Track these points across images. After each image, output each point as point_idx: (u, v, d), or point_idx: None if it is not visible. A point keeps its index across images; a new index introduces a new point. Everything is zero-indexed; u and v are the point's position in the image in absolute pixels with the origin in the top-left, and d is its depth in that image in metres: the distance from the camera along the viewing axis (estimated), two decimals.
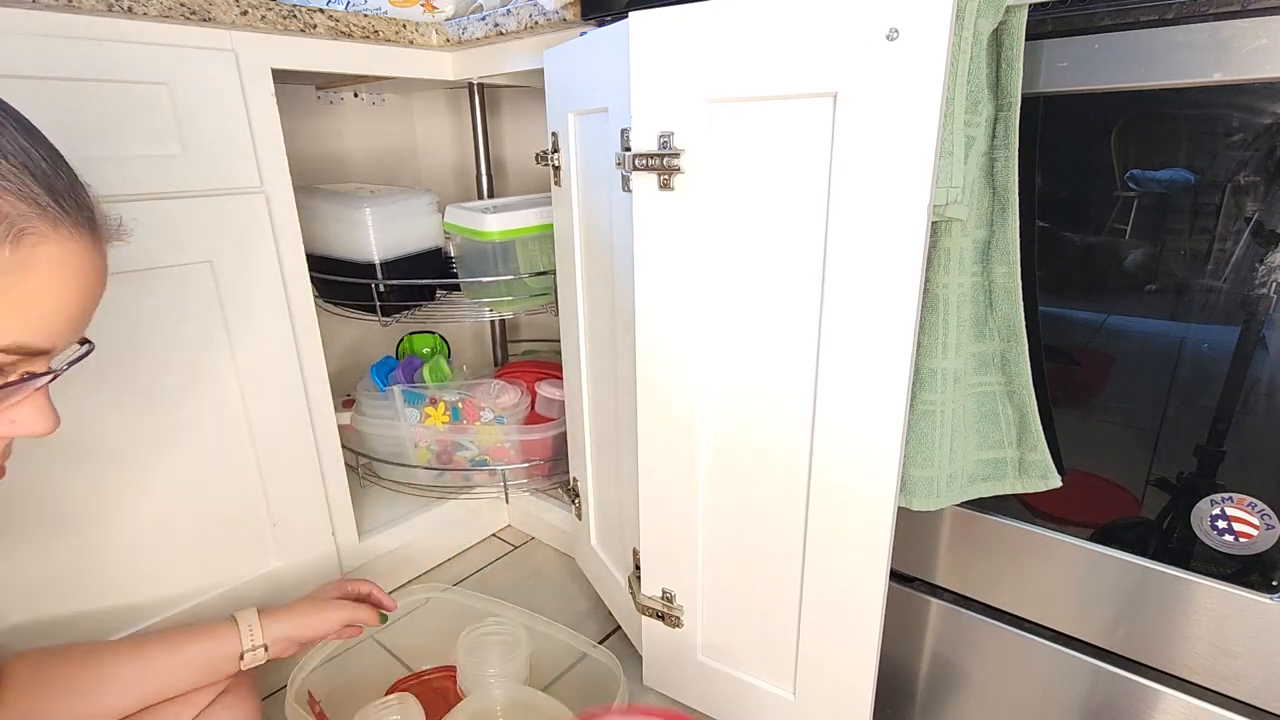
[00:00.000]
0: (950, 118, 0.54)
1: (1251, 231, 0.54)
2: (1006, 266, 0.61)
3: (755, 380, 0.66)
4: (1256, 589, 0.60)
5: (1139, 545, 0.65)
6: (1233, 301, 0.56)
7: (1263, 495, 0.58)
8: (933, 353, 0.62)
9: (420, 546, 1.18)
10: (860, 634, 0.67)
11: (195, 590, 0.89)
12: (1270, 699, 0.61)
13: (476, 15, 0.97)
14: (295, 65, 0.88)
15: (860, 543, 0.64)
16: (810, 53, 0.53)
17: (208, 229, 0.81)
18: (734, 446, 0.70)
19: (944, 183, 0.55)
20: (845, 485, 0.63)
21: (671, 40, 0.60)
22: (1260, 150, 0.52)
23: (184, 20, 0.76)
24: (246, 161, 0.84)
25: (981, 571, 0.75)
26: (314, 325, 0.94)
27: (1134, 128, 0.57)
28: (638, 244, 0.68)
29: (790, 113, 0.56)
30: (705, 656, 0.81)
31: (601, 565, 1.01)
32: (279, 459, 0.93)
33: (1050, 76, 0.58)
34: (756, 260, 0.62)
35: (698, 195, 0.63)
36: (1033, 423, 0.65)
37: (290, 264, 0.90)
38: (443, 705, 0.84)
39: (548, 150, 0.90)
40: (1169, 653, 0.65)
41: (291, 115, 0.98)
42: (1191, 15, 0.51)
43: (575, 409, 1.00)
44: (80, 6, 0.70)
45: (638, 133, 0.64)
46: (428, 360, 1.23)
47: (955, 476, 0.66)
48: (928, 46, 0.49)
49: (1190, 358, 0.59)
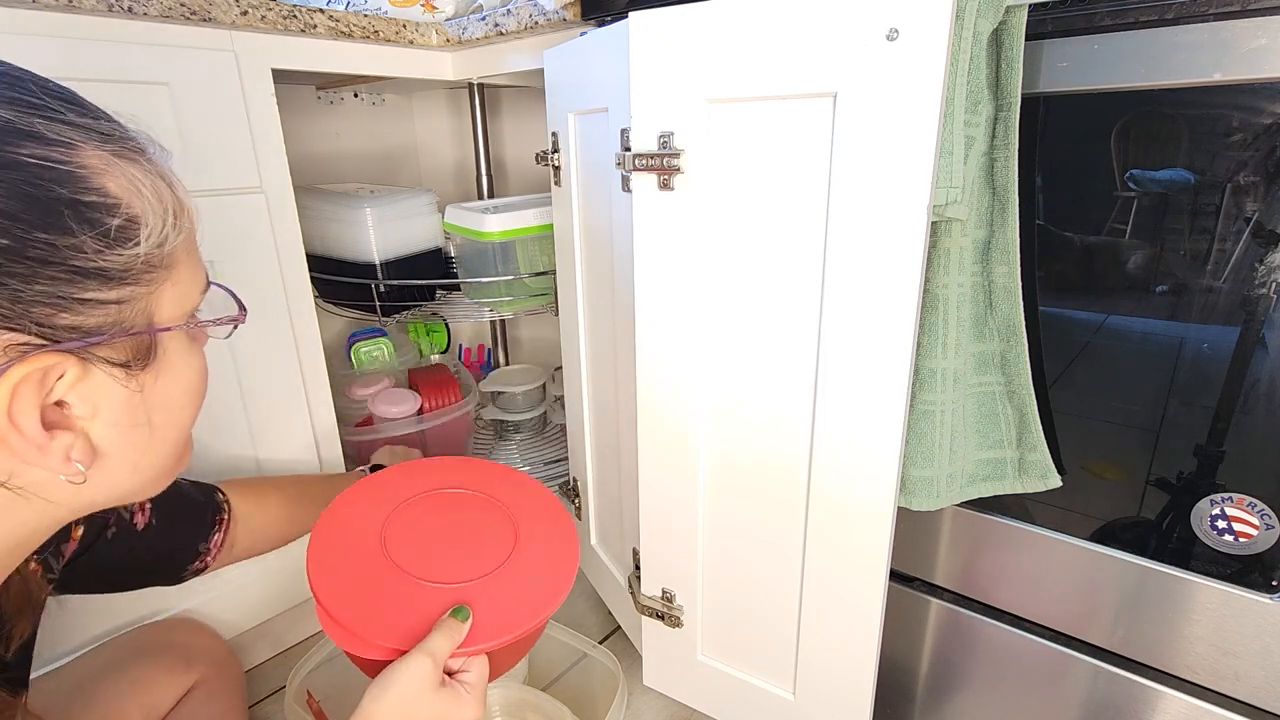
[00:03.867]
0: (950, 118, 0.54)
1: (1251, 231, 0.54)
2: (1006, 266, 0.61)
3: (755, 380, 0.66)
4: (1256, 589, 0.60)
5: (1139, 545, 0.65)
6: (1233, 301, 0.56)
7: (1263, 495, 0.58)
8: (933, 353, 0.62)
9: None
10: (860, 634, 0.67)
11: (195, 591, 0.89)
12: (1270, 699, 0.61)
13: (476, 15, 0.97)
14: (295, 65, 0.88)
15: (860, 542, 0.64)
16: (810, 53, 0.53)
17: (207, 229, 0.81)
18: (734, 446, 0.70)
19: (944, 183, 0.55)
20: (845, 485, 0.63)
21: (671, 40, 0.60)
22: (1260, 150, 0.52)
23: (184, 20, 0.76)
24: (246, 161, 0.84)
25: (981, 571, 0.75)
26: (314, 324, 0.94)
27: (1134, 128, 0.57)
28: (638, 244, 0.68)
29: (790, 113, 0.56)
30: (705, 656, 0.81)
31: (601, 565, 1.01)
32: (279, 459, 0.93)
33: (1050, 76, 0.58)
34: (756, 260, 0.62)
35: (698, 195, 0.63)
36: (1032, 423, 0.65)
37: (290, 264, 0.90)
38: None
39: (548, 150, 0.90)
40: (1169, 653, 0.65)
41: (291, 115, 0.98)
42: (1191, 15, 0.51)
43: (575, 409, 1.00)
44: (80, 6, 0.70)
45: (638, 133, 0.64)
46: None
47: (955, 476, 0.66)
48: (928, 46, 0.49)
49: (1190, 358, 0.59)
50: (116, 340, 0.37)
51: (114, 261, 0.36)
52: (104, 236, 0.36)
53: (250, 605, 0.95)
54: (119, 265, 0.37)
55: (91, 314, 0.36)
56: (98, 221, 0.36)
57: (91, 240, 0.35)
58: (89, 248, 0.35)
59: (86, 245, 0.35)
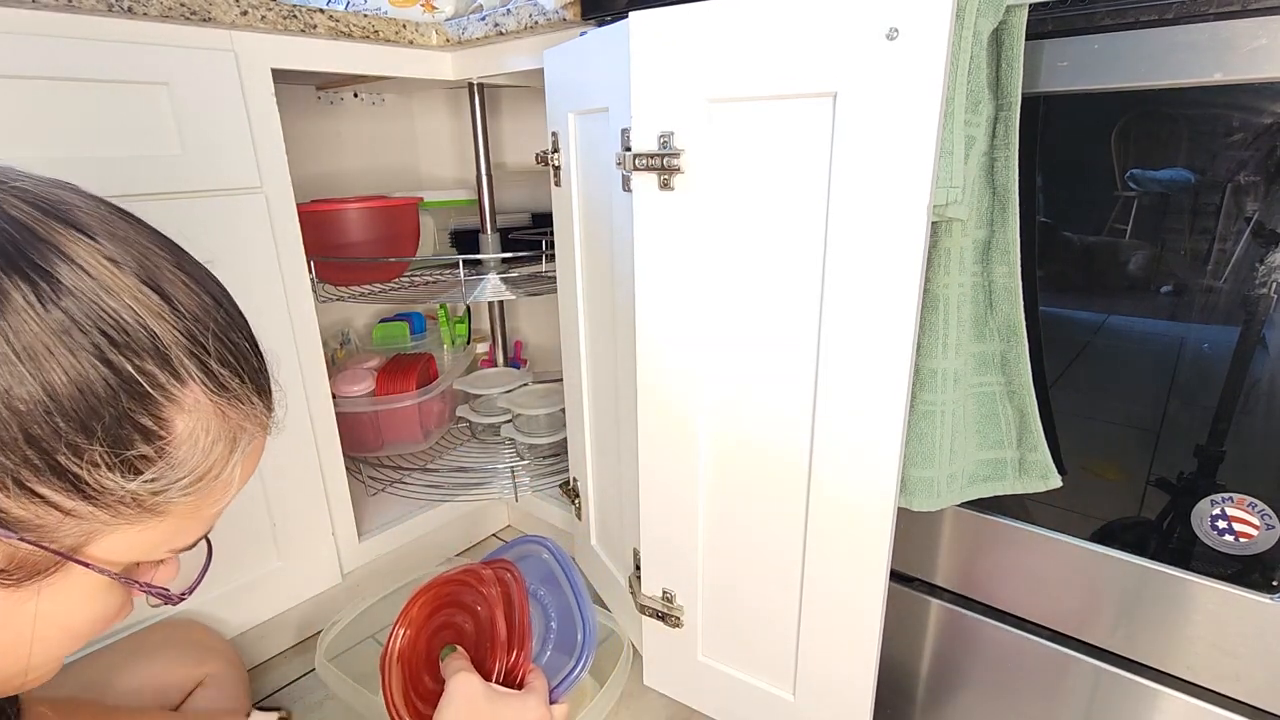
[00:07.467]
0: (950, 117, 0.54)
1: (1252, 231, 0.54)
2: (1007, 266, 0.61)
3: (755, 380, 0.66)
4: (1256, 589, 0.60)
5: (1139, 545, 0.65)
6: (1233, 301, 0.56)
7: (1263, 495, 0.58)
8: (933, 353, 0.62)
9: (420, 546, 1.18)
10: (860, 634, 0.67)
11: (196, 591, 0.89)
12: (1270, 699, 0.61)
13: (476, 15, 0.97)
14: (295, 65, 0.88)
15: (860, 543, 0.64)
16: (810, 52, 0.53)
17: (207, 229, 0.81)
18: (734, 446, 0.69)
19: (944, 183, 0.55)
20: (845, 485, 0.63)
21: (671, 40, 0.60)
22: (1260, 150, 0.52)
23: (184, 20, 0.76)
24: (246, 161, 0.84)
25: (982, 572, 0.75)
26: (313, 324, 0.94)
27: (1134, 128, 0.57)
28: (638, 244, 0.68)
29: (790, 112, 0.56)
30: (705, 656, 0.81)
31: (601, 565, 1.01)
32: (278, 459, 0.93)
33: (1050, 76, 0.58)
34: (756, 260, 0.62)
35: (698, 195, 0.63)
36: (1033, 423, 0.65)
37: (289, 263, 0.90)
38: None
39: (548, 150, 0.90)
40: (1169, 653, 0.65)
41: (291, 115, 0.98)
42: (1191, 15, 0.51)
43: (575, 409, 1.00)
44: (80, 6, 0.70)
45: (638, 132, 0.64)
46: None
47: (955, 477, 0.66)
48: (928, 46, 0.49)
49: (1190, 358, 0.59)
50: (16, 544, 0.31)
51: (101, 480, 0.31)
52: (116, 456, 0.31)
53: (250, 605, 0.95)
54: (101, 485, 0.31)
55: (27, 508, 0.30)
56: (126, 441, 0.31)
57: (103, 452, 0.31)
58: (93, 456, 0.31)
59: (94, 454, 0.31)
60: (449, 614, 0.78)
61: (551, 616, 0.82)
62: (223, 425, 0.35)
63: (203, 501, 0.36)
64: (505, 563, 0.79)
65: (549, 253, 1.06)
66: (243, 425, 0.37)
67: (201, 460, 0.34)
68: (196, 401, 0.34)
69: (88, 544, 0.33)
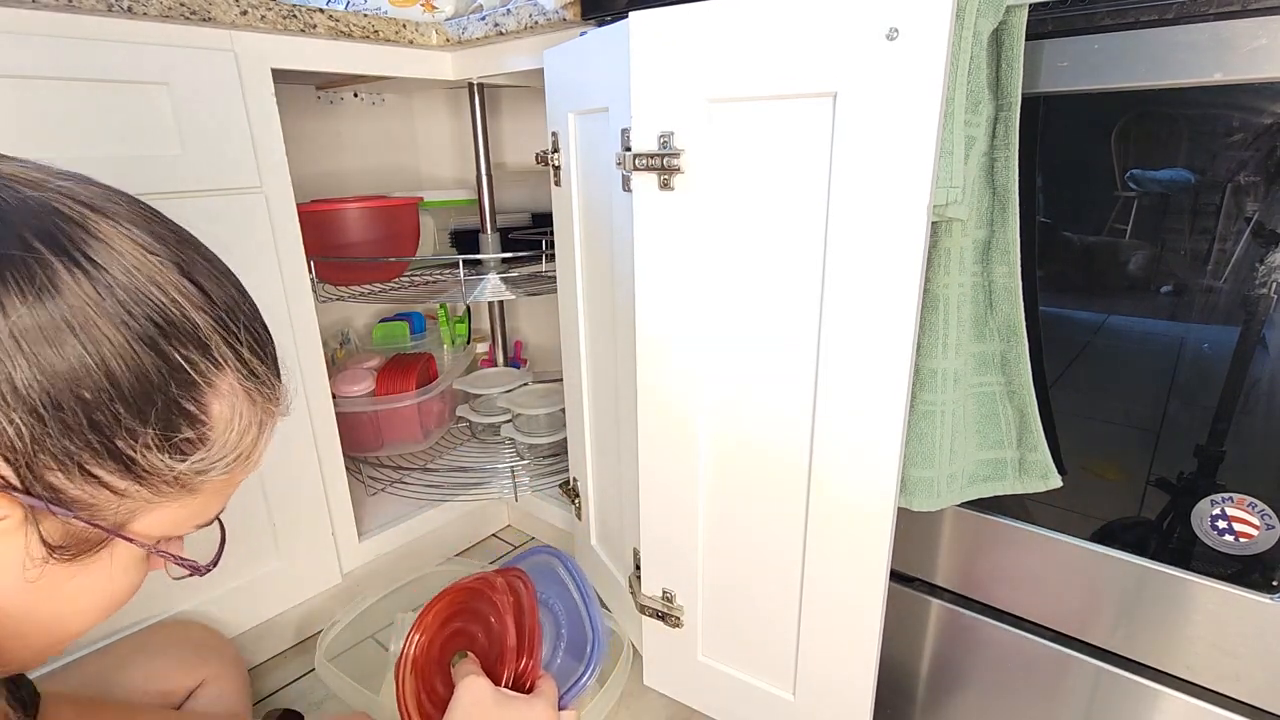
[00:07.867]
0: (950, 117, 0.54)
1: (1252, 231, 0.54)
2: (1006, 266, 0.61)
3: (755, 380, 0.66)
4: (1256, 589, 0.60)
5: (1139, 545, 0.65)
6: (1233, 301, 0.56)
7: (1263, 495, 0.58)
8: (933, 353, 0.62)
9: (420, 546, 1.18)
10: (860, 635, 0.67)
11: (195, 591, 0.89)
12: (1270, 699, 0.61)
13: (476, 15, 0.97)
14: (295, 65, 0.88)
15: (860, 543, 0.64)
16: (810, 52, 0.53)
17: (207, 228, 0.80)
18: (734, 447, 0.69)
19: (944, 183, 0.55)
20: (845, 485, 0.63)
21: (671, 40, 0.60)
22: (1260, 150, 0.52)
23: (184, 20, 0.76)
24: (246, 161, 0.84)
25: (982, 572, 0.75)
26: (313, 324, 0.94)
27: (1134, 128, 0.57)
28: (638, 244, 0.68)
29: (790, 112, 0.56)
30: (705, 656, 0.81)
31: (601, 565, 1.01)
32: (278, 459, 0.93)
33: (1050, 76, 0.58)
34: (756, 260, 0.62)
35: (698, 195, 0.63)
36: (1033, 423, 0.65)
37: (289, 262, 0.90)
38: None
39: (548, 150, 0.90)
40: (1169, 653, 0.65)
41: (291, 115, 0.98)
42: (1191, 15, 0.51)
43: (575, 409, 1.00)
44: (80, 6, 0.70)
45: (638, 132, 0.64)
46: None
47: (955, 477, 0.66)
48: (928, 46, 0.49)
49: (1190, 358, 0.59)
50: (72, 522, 0.34)
51: (152, 462, 0.35)
52: (166, 440, 0.35)
53: (250, 605, 0.95)
54: (151, 466, 0.35)
55: (84, 489, 0.33)
56: (174, 425, 0.35)
57: (154, 435, 0.34)
58: (146, 440, 0.34)
59: (147, 438, 0.34)
60: (462, 621, 0.79)
61: (562, 624, 0.83)
62: (252, 408, 0.39)
63: (232, 479, 0.40)
64: (518, 571, 0.80)
65: (549, 253, 1.06)
66: (268, 407, 0.41)
67: (237, 441, 0.38)
68: (231, 387, 0.37)
69: (131, 521, 0.36)
